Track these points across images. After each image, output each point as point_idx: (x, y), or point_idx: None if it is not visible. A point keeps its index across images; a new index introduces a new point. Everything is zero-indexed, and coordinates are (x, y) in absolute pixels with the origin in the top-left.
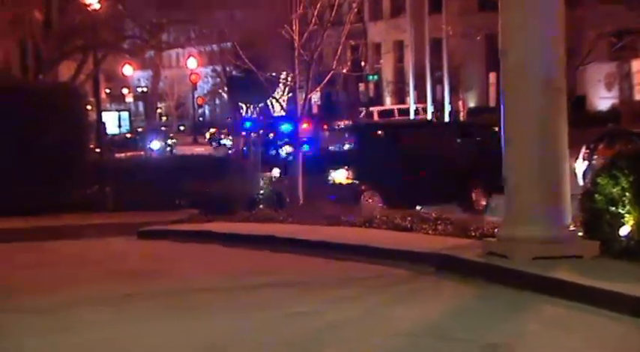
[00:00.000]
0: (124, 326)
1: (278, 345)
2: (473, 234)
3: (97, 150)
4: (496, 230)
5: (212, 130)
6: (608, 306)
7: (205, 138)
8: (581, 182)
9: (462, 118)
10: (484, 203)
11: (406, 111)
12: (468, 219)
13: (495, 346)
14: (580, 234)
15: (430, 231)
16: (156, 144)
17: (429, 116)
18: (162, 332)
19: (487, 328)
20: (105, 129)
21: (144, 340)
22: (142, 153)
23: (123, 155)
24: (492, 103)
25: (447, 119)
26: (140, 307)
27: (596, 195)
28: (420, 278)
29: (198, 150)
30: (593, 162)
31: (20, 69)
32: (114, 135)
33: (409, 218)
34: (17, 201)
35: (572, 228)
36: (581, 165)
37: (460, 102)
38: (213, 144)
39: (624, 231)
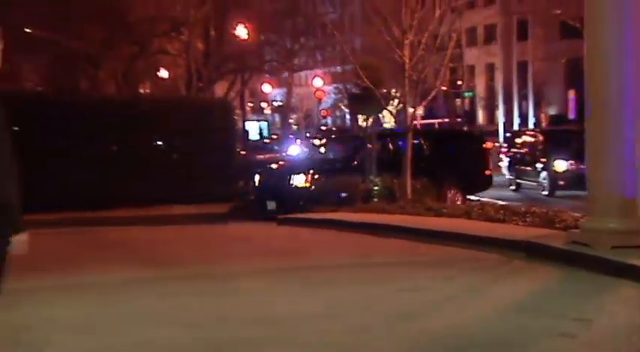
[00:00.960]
0: (274, 292)
1: (387, 314)
2: (557, 225)
3: (242, 152)
4: (578, 222)
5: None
6: None
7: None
8: None
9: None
10: (459, 202)
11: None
12: (553, 213)
13: (580, 320)
14: None
15: (520, 222)
16: (294, 150)
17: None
18: (297, 299)
19: (572, 306)
20: (268, 133)
21: (283, 302)
22: (278, 155)
23: (262, 156)
24: (571, 116)
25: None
26: (279, 279)
27: None
28: (512, 262)
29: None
30: None
31: (185, 88)
32: (255, 141)
33: (502, 211)
34: (178, 192)
35: None
36: None
37: (542, 115)
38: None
39: None
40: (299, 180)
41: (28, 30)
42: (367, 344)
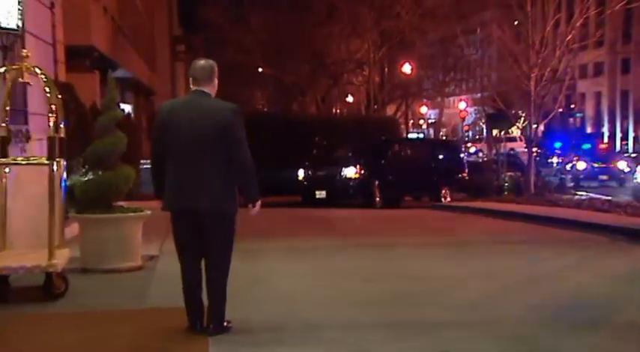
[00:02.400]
0: (432, 259)
1: (522, 277)
2: None
3: None
4: None
5: None
6: None
7: None
8: None
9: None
10: (448, 198)
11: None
12: None
13: None
14: None
15: (622, 213)
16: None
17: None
18: (449, 266)
19: None
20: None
21: (440, 267)
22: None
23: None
24: None
25: (631, 142)
26: (434, 250)
27: None
28: (615, 243)
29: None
30: None
31: (365, 109)
32: None
33: (607, 203)
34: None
35: None
36: None
37: None
38: None
39: None
40: (349, 172)
41: (260, 69)
42: (506, 297)
